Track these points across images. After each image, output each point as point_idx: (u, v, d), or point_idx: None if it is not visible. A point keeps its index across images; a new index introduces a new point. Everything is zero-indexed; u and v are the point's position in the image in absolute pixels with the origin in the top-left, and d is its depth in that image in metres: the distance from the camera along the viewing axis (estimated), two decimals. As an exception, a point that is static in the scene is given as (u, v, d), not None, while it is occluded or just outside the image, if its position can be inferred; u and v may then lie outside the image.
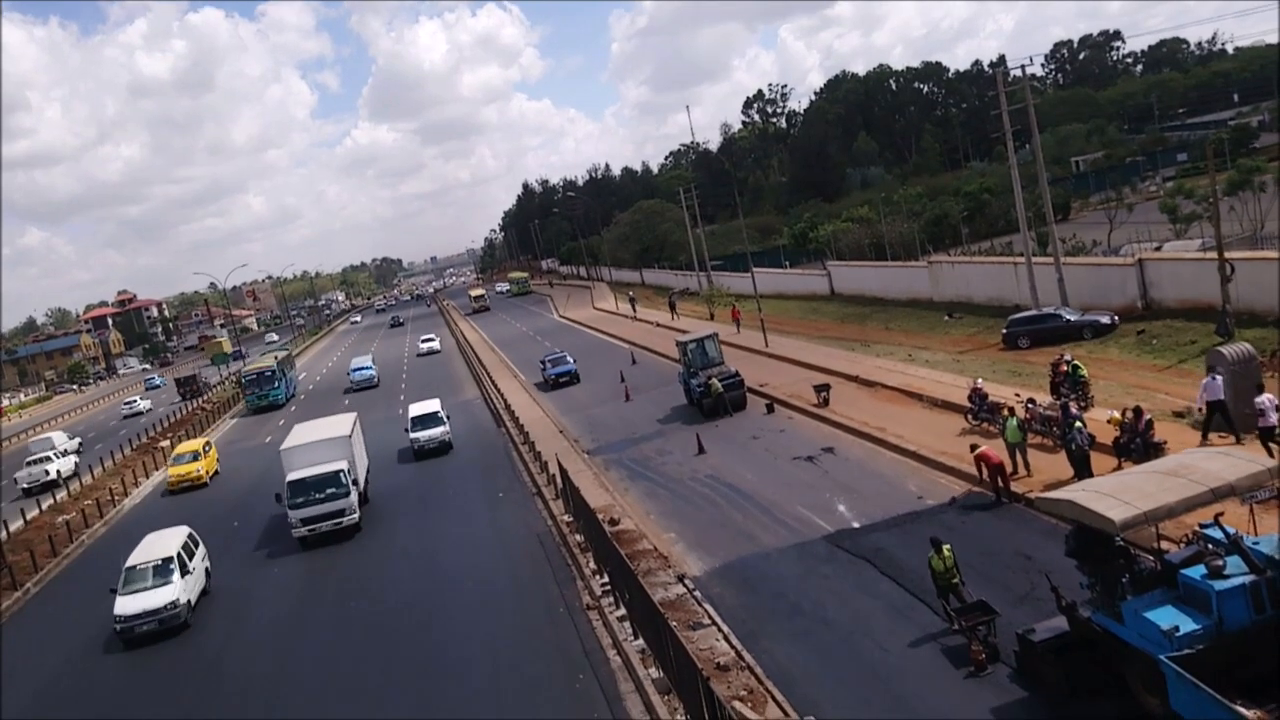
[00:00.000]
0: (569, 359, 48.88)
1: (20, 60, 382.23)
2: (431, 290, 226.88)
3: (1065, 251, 42.55)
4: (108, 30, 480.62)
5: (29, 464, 48.79)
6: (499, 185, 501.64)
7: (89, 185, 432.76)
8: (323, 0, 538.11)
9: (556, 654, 17.81)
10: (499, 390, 47.55)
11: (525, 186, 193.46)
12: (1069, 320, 35.26)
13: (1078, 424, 20.44)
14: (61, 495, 43.06)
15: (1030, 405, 23.96)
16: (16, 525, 37.07)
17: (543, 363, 49.68)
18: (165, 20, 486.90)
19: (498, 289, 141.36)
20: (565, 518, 24.66)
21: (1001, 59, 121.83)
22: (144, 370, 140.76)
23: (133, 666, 21.58)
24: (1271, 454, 18.46)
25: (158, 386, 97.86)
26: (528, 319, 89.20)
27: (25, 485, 46.37)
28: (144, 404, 79.02)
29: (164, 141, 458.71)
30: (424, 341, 78.20)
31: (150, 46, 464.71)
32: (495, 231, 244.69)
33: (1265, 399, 19.46)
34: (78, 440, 58.42)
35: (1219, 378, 20.65)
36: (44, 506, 40.85)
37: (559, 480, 26.20)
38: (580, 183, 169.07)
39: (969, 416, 26.01)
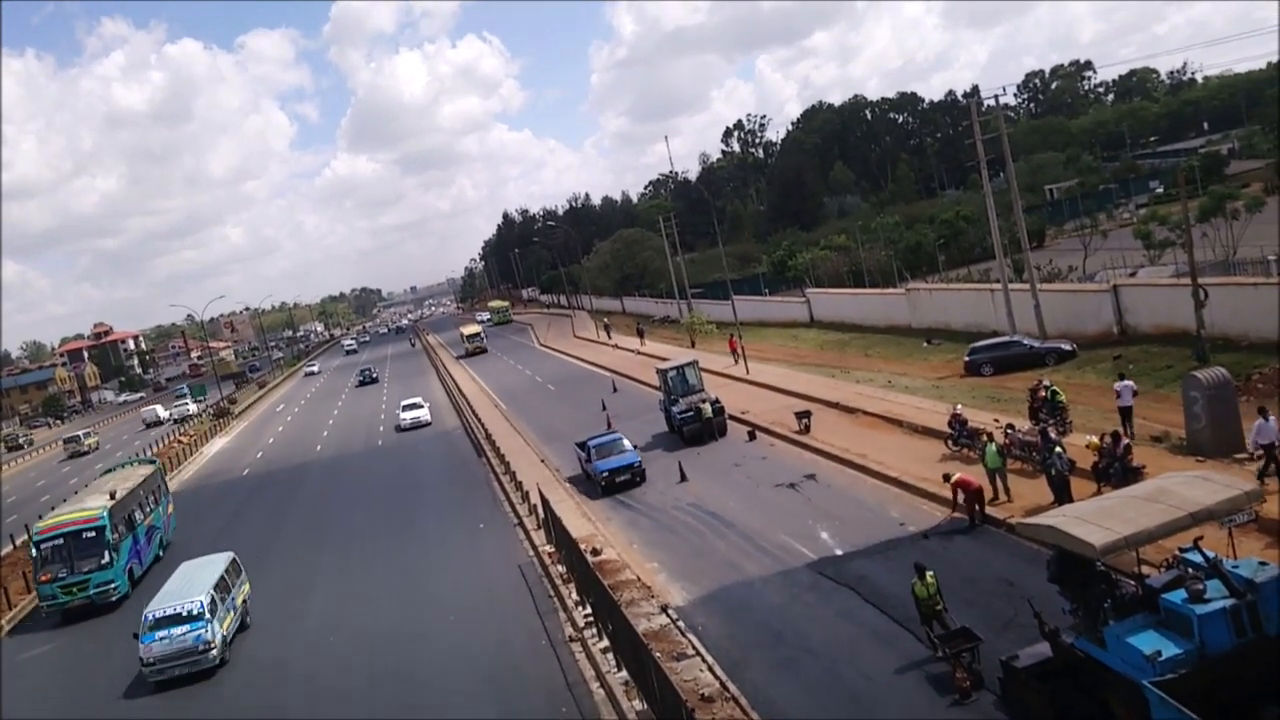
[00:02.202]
0: (626, 443, 31.73)
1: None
2: (408, 322, 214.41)
3: (1041, 278, 43.02)
4: (84, 62, 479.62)
5: None
6: (479, 215, 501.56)
7: (65, 218, 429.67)
8: (302, 32, 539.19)
9: (539, 687, 17.62)
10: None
11: (505, 216, 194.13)
12: (1031, 347, 35.68)
13: (1057, 449, 20.57)
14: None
15: (1009, 431, 24.10)
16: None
17: (585, 449, 32.07)
18: (143, 52, 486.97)
19: (478, 318, 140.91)
20: (547, 548, 24.50)
21: (975, 89, 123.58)
22: (122, 403, 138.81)
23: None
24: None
25: (161, 422, 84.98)
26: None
27: None
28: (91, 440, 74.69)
29: (141, 173, 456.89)
30: (407, 409, 54.15)
31: (128, 78, 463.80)
32: (475, 261, 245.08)
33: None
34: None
35: (1272, 419, 19.23)
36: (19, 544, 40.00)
37: (540, 510, 26.05)
38: (560, 212, 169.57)
39: (949, 442, 26.11)
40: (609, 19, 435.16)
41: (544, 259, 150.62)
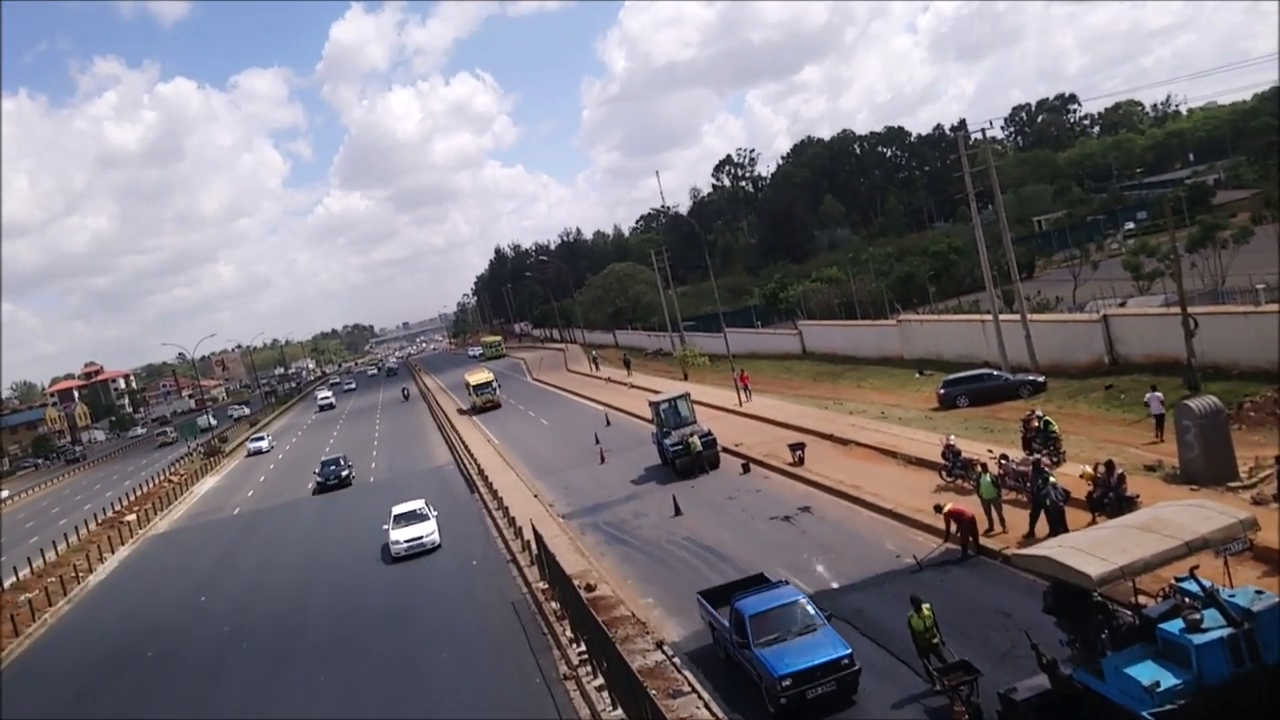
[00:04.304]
0: (813, 611, 16.65)
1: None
2: (398, 360, 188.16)
3: (1031, 308, 43.29)
4: (77, 102, 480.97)
5: None
6: (472, 250, 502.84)
7: (56, 256, 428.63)
8: (295, 70, 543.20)
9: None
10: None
11: (497, 251, 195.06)
12: (1005, 379, 35.88)
13: (1051, 479, 20.55)
14: (24, 573, 41.92)
15: (1003, 461, 24.10)
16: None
17: (730, 617, 17.31)
18: (135, 91, 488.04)
19: (470, 353, 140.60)
20: (540, 584, 24.29)
21: (962, 123, 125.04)
22: (72, 453, 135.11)
23: None
24: None
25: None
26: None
27: None
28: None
29: (132, 212, 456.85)
30: (402, 528, 31.89)
31: (120, 117, 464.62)
32: (468, 296, 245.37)
33: None
34: None
35: None
36: (6, 584, 39.73)
37: (534, 546, 25.87)
38: (552, 246, 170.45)
39: (943, 473, 26.09)
40: (600, 55, 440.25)
41: (536, 293, 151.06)
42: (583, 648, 19.23)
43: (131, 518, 51.20)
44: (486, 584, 26.85)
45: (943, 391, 36.99)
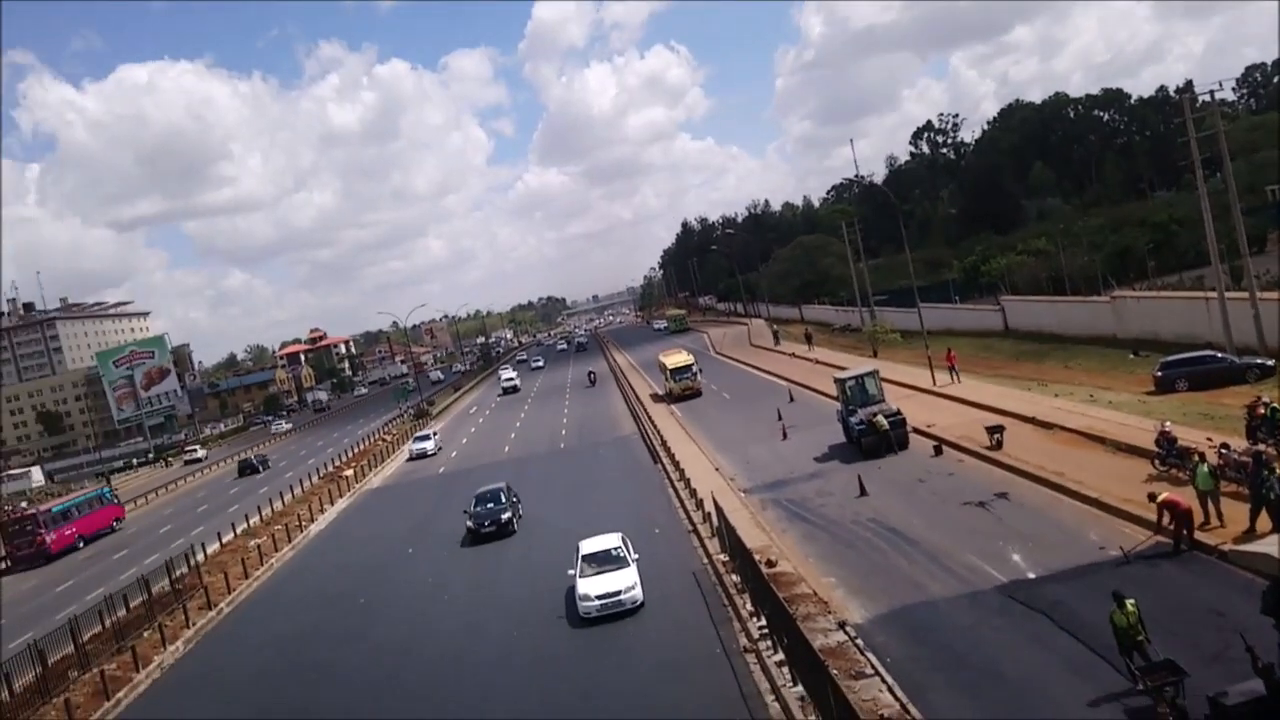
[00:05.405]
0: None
1: (225, 113, 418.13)
2: (586, 333, 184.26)
3: (1261, 286, 39.41)
4: (304, 85, 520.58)
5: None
6: (659, 224, 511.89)
7: (286, 230, 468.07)
8: (500, 50, 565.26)
9: (714, 696, 17.65)
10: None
11: (685, 224, 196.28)
12: (1231, 362, 32.75)
13: (1277, 472, 18.76)
14: (254, 520, 46.38)
15: (1224, 451, 22.17)
16: (213, 548, 40.34)
17: None
18: (355, 73, 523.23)
19: (655, 326, 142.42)
20: (721, 557, 24.53)
21: (1189, 84, 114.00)
22: (320, 404, 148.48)
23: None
24: None
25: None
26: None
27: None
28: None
29: (353, 189, 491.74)
30: (592, 575, 23.62)
31: (341, 98, 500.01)
32: (654, 269, 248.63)
33: None
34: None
35: None
36: (238, 531, 44.18)
37: (714, 518, 26.12)
38: (739, 219, 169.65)
39: (1156, 462, 24.31)
40: (796, 21, 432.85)
41: (722, 267, 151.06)
42: (763, 622, 19.31)
43: (349, 473, 55.54)
44: (668, 552, 27.35)
45: (1159, 374, 34.38)
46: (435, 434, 63.55)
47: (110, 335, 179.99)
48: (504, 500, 34.18)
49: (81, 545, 54.80)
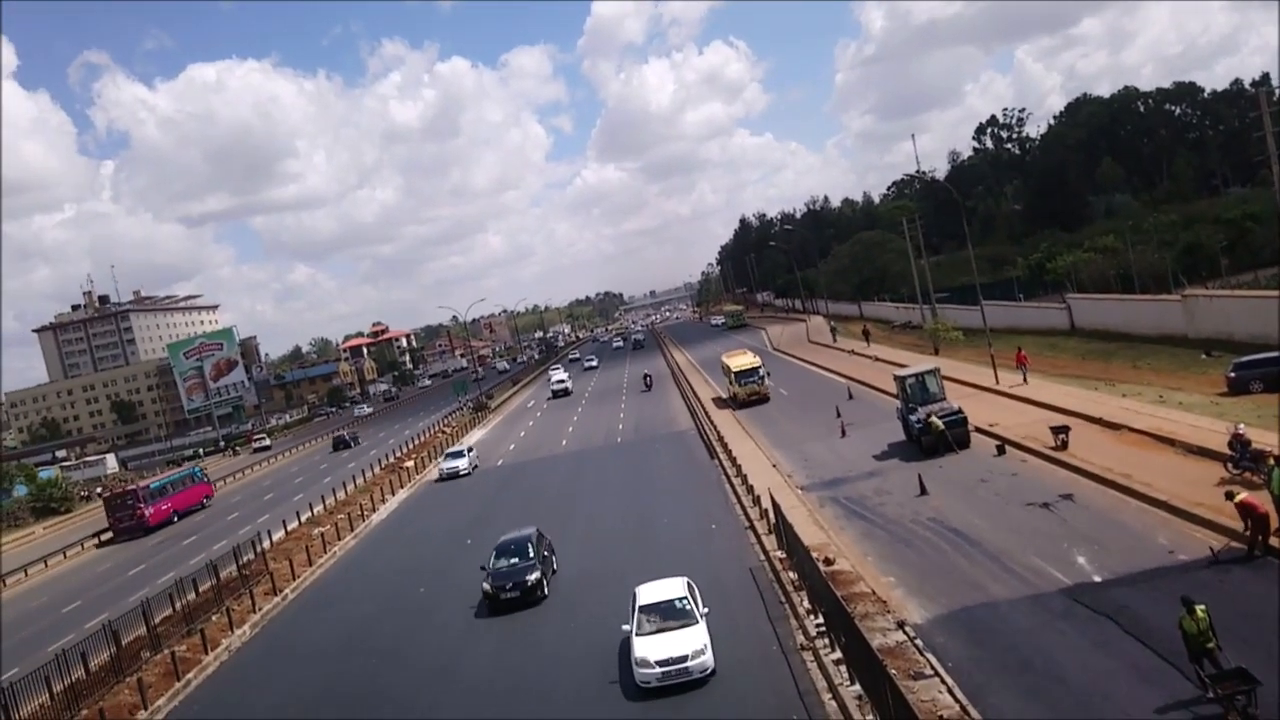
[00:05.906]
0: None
1: (291, 111, 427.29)
2: (643, 329, 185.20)
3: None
4: (366, 83, 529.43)
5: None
6: (717, 220, 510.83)
7: (349, 226, 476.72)
8: (559, 46, 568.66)
9: (771, 692, 17.63)
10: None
11: (742, 220, 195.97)
12: None
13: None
14: (318, 509, 47.43)
15: (1304, 455, 21.44)
16: (279, 535, 41.39)
17: None
18: (417, 71, 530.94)
19: (712, 322, 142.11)
20: (778, 554, 24.44)
21: (1265, 77, 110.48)
22: (390, 394, 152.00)
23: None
24: None
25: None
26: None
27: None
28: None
29: (414, 185, 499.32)
30: (651, 633, 19.25)
31: (403, 96, 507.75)
32: (712, 265, 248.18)
33: None
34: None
35: None
36: (302, 519, 45.23)
37: (771, 515, 26.02)
38: (798, 215, 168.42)
39: (1228, 465, 23.60)
40: (857, 15, 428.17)
41: (780, 263, 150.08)
42: (820, 620, 19.21)
43: (410, 464, 56.44)
44: (725, 548, 27.34)
45: (1233, 375, 33.30)
46: (471, 450, 54.84)
47: (181, 328, 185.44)
48: (531, 554, 26.58)
49: (175, 519, 59.38)
